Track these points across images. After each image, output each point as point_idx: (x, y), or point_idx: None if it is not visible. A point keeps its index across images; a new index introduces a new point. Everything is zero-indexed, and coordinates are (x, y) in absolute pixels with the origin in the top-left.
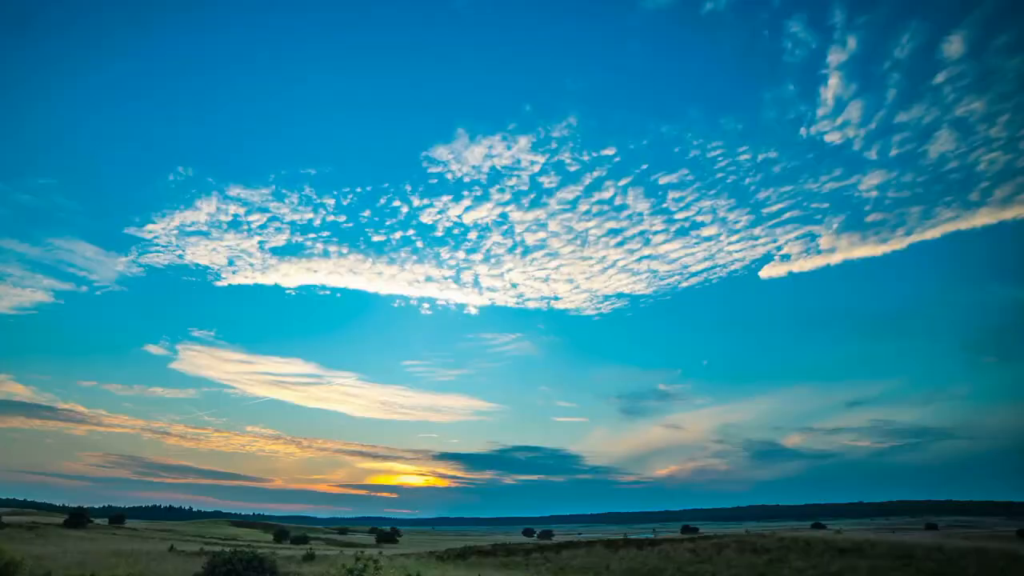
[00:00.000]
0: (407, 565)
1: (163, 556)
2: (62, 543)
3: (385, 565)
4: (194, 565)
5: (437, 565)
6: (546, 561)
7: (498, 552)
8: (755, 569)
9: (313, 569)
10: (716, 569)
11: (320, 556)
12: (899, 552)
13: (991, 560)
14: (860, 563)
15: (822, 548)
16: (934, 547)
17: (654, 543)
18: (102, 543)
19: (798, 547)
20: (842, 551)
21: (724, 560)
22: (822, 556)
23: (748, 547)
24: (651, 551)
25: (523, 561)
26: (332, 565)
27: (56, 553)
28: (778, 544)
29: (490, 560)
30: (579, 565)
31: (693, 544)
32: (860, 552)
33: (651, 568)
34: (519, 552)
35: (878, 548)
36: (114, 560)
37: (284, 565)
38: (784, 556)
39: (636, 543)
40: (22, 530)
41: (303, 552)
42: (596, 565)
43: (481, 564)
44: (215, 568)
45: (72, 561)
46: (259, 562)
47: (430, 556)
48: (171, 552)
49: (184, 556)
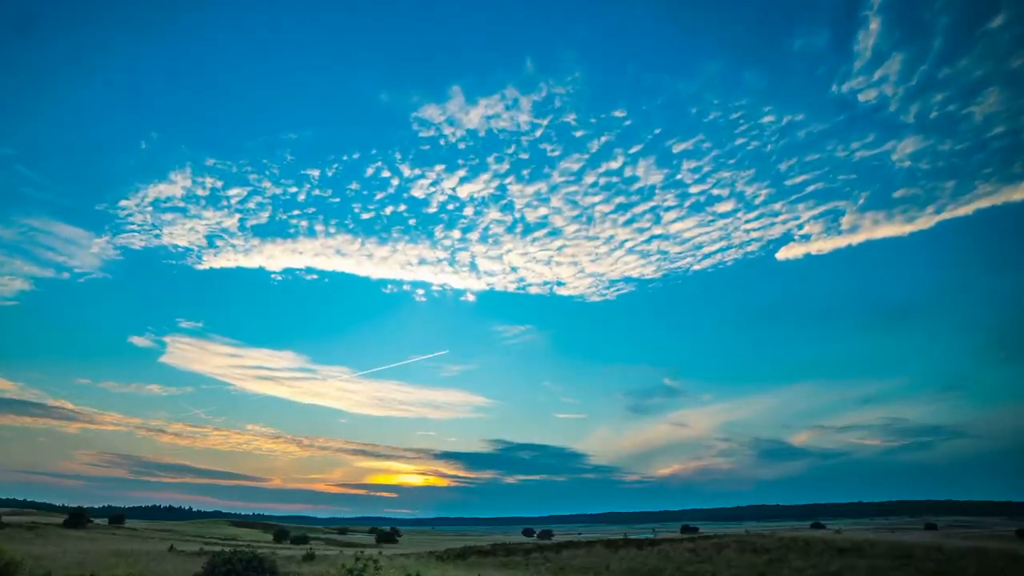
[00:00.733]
0: (407, 565)
1: (163, 556)
2: (62, 543)
3: (385, 565)
4: (194, 565)
5: (437, 565)
6: (546, 561)
7: (498, 552)
8: (755, 569)
9: (313, 569)
10: (716, 569)
11: (320, 556)
12: (898, 552)
13: (991, 560)
14: (860, 563)
15: (822, 548)
16: (934, 547)
17: (654, 543)
18: (102, 543)
19: (798, 547)
20: (842, 551)
21: (724, 560)
22: (822, 556)
23: (748, 547)
24: (651, 551)
25: (523, 561)
26: (332, 565)
27: (56, 553)
28: (778, 544)
29: (490, 560)
30: (579, 565)
31: (693, 544)
32: (860, 552)
33: (651, 568)
34: (519, 552)
35: (877, 548)
36: (114, 560)
37: (284, 565)
38: (784, 556)
39: (636, 543)
40: (22, 530)
41: (303, 552)
42: (596, 565)
43: (481, 564)
44: (215, 568)
45: (72, 561)
46: (259, 562)
47: (430, 556)
48: (171, 552)
49: (184, 556)
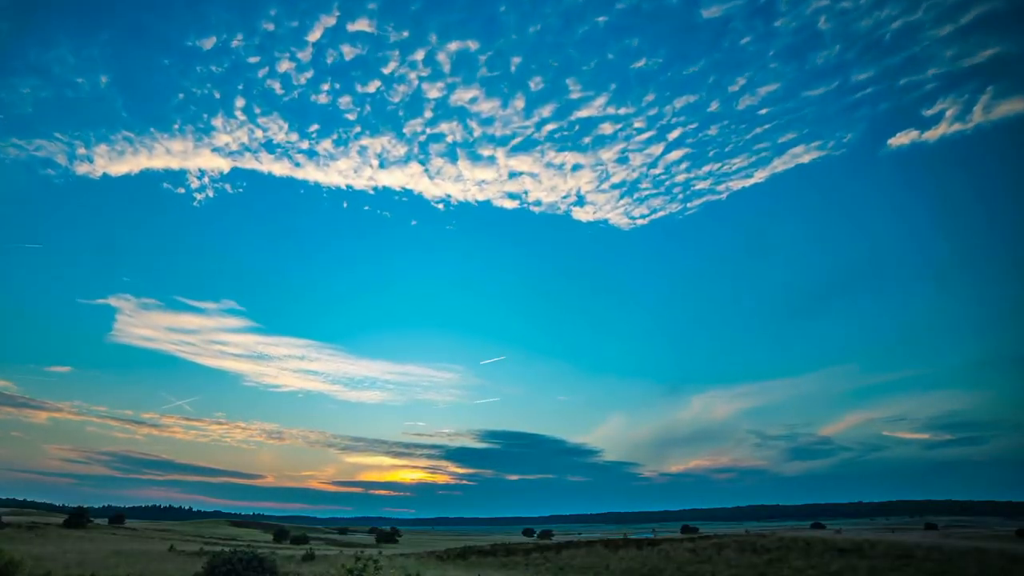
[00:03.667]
0: (407, 565)
1: (163, 556)
2: (62, 543)
3: (385, 565)
4: (194, 565)
5: (437, 565)
6: (546, 561)
7: (498, 552)
8: (755, 569)
9: (313, 569)
10: (716, 569)
11: (320, 556)
12: (898, 552)
13: (991, 560)
14: (860, 563)
15: (822, 548)
16: (934, 547)
17: (654, 543)
18: (101, 543)
19: (798, 547)
20: (842, 551)
21: (724, 560)
22: (822, 556)
23: (748, 547)
24: (651, 551)
25: (523, 561)
26: (332, 565)
27: (56, 553)
28: (778, 544)
29: (490, 560)
30: (579, 565)
31: (693, 544)
32: (860, 552)
33: (651, 568)
34: (519, 552)
35: (878, 548)
36: (114, 560)
37: (284, 565)
38: (784, 556)
39: (636, 543)
40: (22, 530)
41: (303, 552)
42: (596, 565)
43: (481, 564)
44: (215, 568)
45: (72, 561)
46: (259, 562)
47: (430, 556)
48: (171, 552)
49: (184, 556)
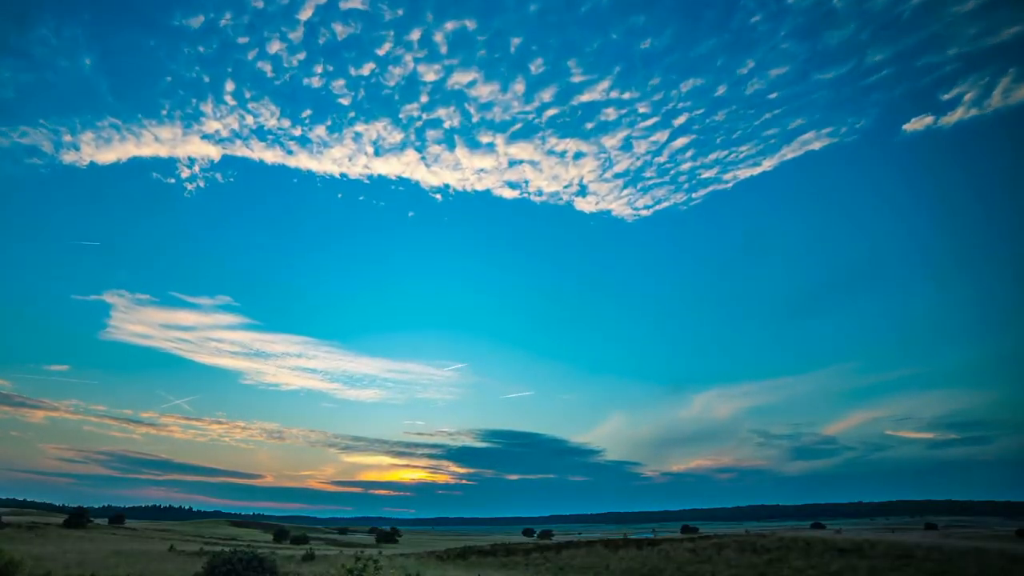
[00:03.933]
0: (407, 565)
1: (163, 556)
2: (62, 543)
3: (385, 565)
4: (194, 565)
5: (437, 565)
6: (546, 561)
7: (498, 552)
8: (755, 569)
9: (313, 569)
10: (716, 569)
11: (320, 556)
12: (898, 552)
13: (990, 560)
14: (860, 563)
15: (822, 548)
16: (934, 547)
17: (654, 543)
18: (101, 543)
19: (798, 547)
20: (842, 551)
21: (724, 560)
22: (822, 556)
23: (748, 547)
24: (651, 551)
25: (523, 561)
26: (332, 565)
27: (56, 553)
28: (778, 544)
29: (490, 560)
30: (579, 565)
31: (693, 544)
32: (860, 552)
33: (651, 568)
34: (519, 552)
35: (878, 548)
36: (114, 560)
37: (284, 565)
38: (784, 556)
39: (636, 543)
40: (22, 530)
41: (303, 552)
42: (596, 565)
43: (481, 564)
44: (215, 568)
45: (72, 561)
46: (259, 562)
47: (430, 556)
48: (171, 552)
49: (184, 556)
